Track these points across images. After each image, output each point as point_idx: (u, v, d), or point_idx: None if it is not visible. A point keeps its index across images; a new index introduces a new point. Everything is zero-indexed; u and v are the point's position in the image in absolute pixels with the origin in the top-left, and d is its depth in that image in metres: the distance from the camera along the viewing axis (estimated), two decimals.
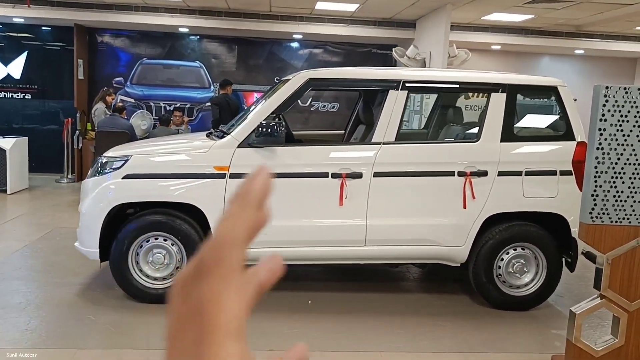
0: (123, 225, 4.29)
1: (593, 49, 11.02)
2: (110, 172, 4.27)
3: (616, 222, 3.26)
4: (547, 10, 8.63)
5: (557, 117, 4.68)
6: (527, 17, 9.22)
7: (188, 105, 11.01)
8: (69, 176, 10.20)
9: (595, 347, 3.36)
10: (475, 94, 6.59)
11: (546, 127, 4.90)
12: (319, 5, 9.09)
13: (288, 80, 4.53)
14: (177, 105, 10.69)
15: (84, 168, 10.34)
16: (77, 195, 8.69)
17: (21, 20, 10.24)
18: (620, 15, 8.71)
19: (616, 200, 3.24)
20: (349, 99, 10.90)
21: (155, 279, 4.32)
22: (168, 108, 10.85)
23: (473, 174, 4.32)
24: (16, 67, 10.78)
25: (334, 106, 11.25)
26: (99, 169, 4.38)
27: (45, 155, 10.40)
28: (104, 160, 4.40)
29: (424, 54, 9.01)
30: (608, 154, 3.22)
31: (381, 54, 11.36)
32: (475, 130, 4.72)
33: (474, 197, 4.31)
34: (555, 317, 4.49)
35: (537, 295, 4.53)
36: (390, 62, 11.07)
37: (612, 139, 3.21)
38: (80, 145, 10.26)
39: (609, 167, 3.22)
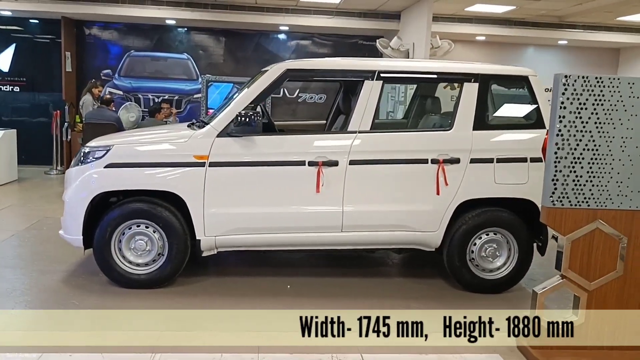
0: (105, 213, 4.40)
1: (576, 40, 11.15)
2: (93, 161, 4.37)
3: (576, 205, 3.40)
4: (528, 2, 8.75)
5: (529, 106, 4.80)
6: (509, 8, 9.33)
7: (176, 97, 11.13)
8: (58, 168, 10.28)
9: None
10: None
11: (518, 116, 5.01)
12: None
13: (267, 71, 4.64)
14: (165, 97, 10.80)
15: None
16: None
17: (8, 13, 10.27)
18: (599, 6, 8.84)
19: (575, 185, 3.38)
20: (336, 91, 11.03)
21: (138, 264, 4.43)
22: (156, 100, 10.96)
23: (446, 161, 4.44)
24: (4, 60, 10.84)
25: (321, 97, 11.38)
26: (82, 158, 4.47)
27: (35, 148, 10.49)
28: (87, 150, 4.49)
29: (407, 45, 9.11)
30: (567, 140, 3.34)
31: (367, 45, 11.47)
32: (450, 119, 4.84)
33: (447, 184, 4.45)
34: (526, 299, 4.61)
35: (509, 278, 4.67)
36: (377, 53, 11.18)
37: (571, 126, 3.33)
38: (69, 137, 10.34)
39: (568, 153, 3.34)
